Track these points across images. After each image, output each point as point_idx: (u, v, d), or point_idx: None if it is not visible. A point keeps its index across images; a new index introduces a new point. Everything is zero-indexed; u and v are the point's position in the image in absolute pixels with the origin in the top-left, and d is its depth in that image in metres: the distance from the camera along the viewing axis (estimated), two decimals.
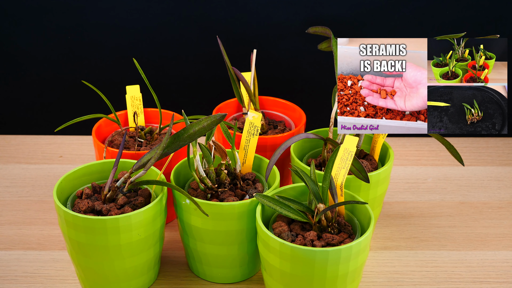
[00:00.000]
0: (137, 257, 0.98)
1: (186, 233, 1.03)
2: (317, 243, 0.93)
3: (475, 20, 1.38)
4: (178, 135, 0.94)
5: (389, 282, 1.06)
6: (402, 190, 1.31)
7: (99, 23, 1.38)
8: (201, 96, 1.47)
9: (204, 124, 0.93)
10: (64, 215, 0.95)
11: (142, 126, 1.22)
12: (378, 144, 1.10)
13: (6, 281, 1.05)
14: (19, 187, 1.28)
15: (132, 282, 1.01)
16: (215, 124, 0.92)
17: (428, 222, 1.21)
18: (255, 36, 1.40)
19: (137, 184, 0.97)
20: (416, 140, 1.48)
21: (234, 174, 1.04)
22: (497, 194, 1.29)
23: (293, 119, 1.27)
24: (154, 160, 0.93)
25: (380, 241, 1.15)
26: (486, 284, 1.06)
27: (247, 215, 0.98)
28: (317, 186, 0.97)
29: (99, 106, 1.30)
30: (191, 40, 1.41)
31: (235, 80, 1.20)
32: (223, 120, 0.96)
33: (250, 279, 1.07)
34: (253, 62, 1.21)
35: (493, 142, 1.48)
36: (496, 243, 1.15)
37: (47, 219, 1.20)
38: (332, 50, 1.14)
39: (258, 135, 1.07)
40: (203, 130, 0.93)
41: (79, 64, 1.43)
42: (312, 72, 1.44)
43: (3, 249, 1.11)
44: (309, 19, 1.38)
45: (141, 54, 1.40)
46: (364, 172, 1.00)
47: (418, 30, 1.39)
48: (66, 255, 1.10)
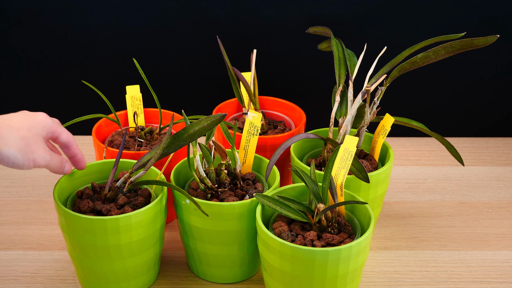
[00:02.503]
0: (137, 257, 0.98)
1: (186, 233, 1.03)
2: (317, 243, 0.92)
3: (475, 20, 1.38)
4: (178, 135, 0.94)
5: (389, 282, 1.06)
6: (402, 190, 1.31)
7: (99, 23, 1.38)
8: (201, 96, 1.47)
9: (204, 124, 0.93)
10: (64, 215, 0.95)
11: (142, 126, 1.22)
12: (378, 144, 1.10)
13: (6, 281, 1.05)
14: (19, 187, 1.28)
15: (132, 282, 1.01)
16: (215, 124, 0.92)
17: (428, 222, 1.21)
18: (255, 36, 1.40)
19: (137, 184, 0.97)
20: (416, 140, 1.48)
21: (234, 174, 1.04)
22: (497, 194, 1.29)
23: (293, 119, 1.27)
24: (154, 160, 0.93)
25: (380, 241, 1.15)
26: (486, 284, 1.06)
27: (247, 215, 0.98)
28: (317, 186, 0.97)
29: (99, 106, 1.30)
30: (191, 40, 1.41)
31: (235, 80, 1.20)
32: (223, 120, 0.96)
33: (250, 279, 1.07)
34: (253, 62, 1.21)
35: (493, 142, 1.48)
36: (496, 243, 1.15)
37: (47, 219, 1.20)
38: (332, 50, 1.14)
39: (258, 135, 1.07)
40: (203, 130, 0.93)
41: (79, 64, 1.42)
42: (312, 72, 1.44)
43: (3, 249, 1.11)
44: (309, 19, 1.38)
45: (141, 54, 1.40)
46: (364, 172, 1.00)
47: (418, 30, 1.39)
48: (66, 255, 1.10)
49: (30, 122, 0.89)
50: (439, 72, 1.43)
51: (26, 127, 0.87)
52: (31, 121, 0.89)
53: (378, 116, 1.11)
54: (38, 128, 0.89)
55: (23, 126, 0.87)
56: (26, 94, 1.46)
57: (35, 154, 0.87)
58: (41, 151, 0.88)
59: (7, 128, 0.85)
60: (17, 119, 0.88)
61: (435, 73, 1.43)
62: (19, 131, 0.86)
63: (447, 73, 1.44)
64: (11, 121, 0.87)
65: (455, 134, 1.50)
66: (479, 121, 1.49)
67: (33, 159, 0.87)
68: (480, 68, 1.43)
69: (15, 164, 0.85)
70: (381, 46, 1.10)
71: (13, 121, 0.87)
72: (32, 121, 0.89)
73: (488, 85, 1.46)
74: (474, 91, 1.46)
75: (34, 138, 0.88)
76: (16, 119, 0.88)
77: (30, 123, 0.89)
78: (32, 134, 0.88)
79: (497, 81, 1.45)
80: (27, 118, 0.89)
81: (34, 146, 0.87)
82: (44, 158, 0.88)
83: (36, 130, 0.89)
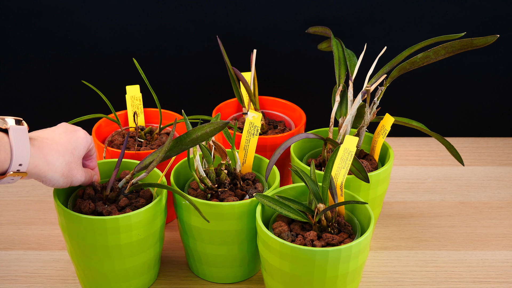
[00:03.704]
0: (137, 257, 0.98)
1: (186, 233, 1.03)
2: (317, 243, 0.92)
3: (475, 20, 1.38)
4: (180, 139, 0.95)
5: (389, 282, 1.06)
6: (402, 190, 1.31)
7: (99, 23, 1.38)
8: (201, 96, 1.47)
9: (207, 130, 0.93)
10: (64, 215, 0.95)
11: (142, 126, 1.22)
12: (378, 144, 1.10)
13: (6, 281, 1.05)
14: (19, 187, 1.28)
15: (132, 282, 1.01)
16: (218, 130, 0.93)
17: (428, 222, 1.21)
18: (255, 36, 1.40)
19: (139, 186, 0.98)
20: (416, 140, 1.48)
21: (234, 174, 1.04)
22: (497, 194, 1.29)
23: (293, 119, 1.27)
24: (156, 163, 0.94)
25: (380, 241, 1.15)
26: (486, 284, 1.06)
27: (247, 215, 0.98)
28: (317, 186, 0.97)
29: (99, 106, 1.30)
30: (191, 40, 1.41)
31: (235, 80, 1.20)
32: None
33: (250, 279, 1.07)
34: (253, 62, 1.21)
35: (493, 142, 1.48)
36: (496, 243, 1.15)
37: (47, 219, 1.20)
38: (332, 50, 1.14)
39: (258, 135, 1.07)
40: (205, 135, 0.94)
41: (79, 64, 1.42)
42: (312, 72, 1.44)
43: (3, 249, 1.11)
44: (309, 19, 1.37)
45: (141, 54, 1.40)
46: (364, 172, 1.00)
47: (418, 30, 1.39)
48: (66, 255, 1.10)
49: (73, 143, 0.92)
50: (439, 72, 1.43)
51: (70, 150, 0.91)
52: (74, 142, 0.92)
53: (378, 116, 1.11)
54: (80, 150, 0.93)
55: (67, 149, 0.90)
56: (26, 94, 1.46)
57: (73, 177, 0.92)
58: (79, 173, 0.93)
59: (55, 154, 0.88)
60: (62, 140, 0.90)
61: (435, 73, 1.43)
62: (65, 155, 0.89)
63: (447, 73, 1.44)
64: (58, 144, 0.89)
65: (455, 134, 1.50)
66: (479, 121, 1.49)
67: (71, 181, 0.92)
68: (480, 68, 1.43)
69: (55, 185, 0.90)
70: (381, 46, 1.10)
71: (60, 144, 0.89)
72: (75, 141, 0.92)
73: (488, 85, 1.46)
74: (474, 91, 1.46)
75: (75, 162, 0.92)
76: (61, 141, 0.90)
77: (73, 144, 0.92)
78: (74, 158, 0.92)
79: (497, 81, 1.45)
80: (70, 138, 0.92)
81: (74, 170, 0.92)
82: (80, 180, 0.94)
83: (78, 153, 0.93)
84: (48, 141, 0.88)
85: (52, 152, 0.87)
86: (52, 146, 0.88)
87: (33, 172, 0.85)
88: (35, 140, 0.86)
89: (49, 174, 0.87)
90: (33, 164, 0.84)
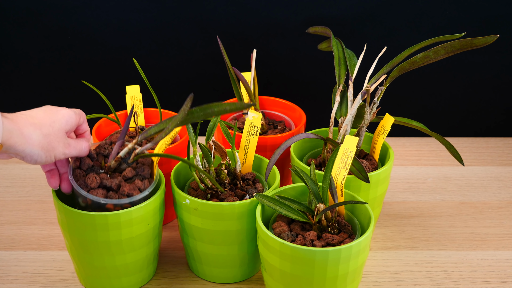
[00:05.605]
0: (138, 252, 0.98)
1: (186, 233, 1.03)
2: (317, 243, 0.92)
3: (475, 20, 1.38)
4: (192, 112, 0.87)
5: (389, 282, 1.06)
6: (402, 190, 1.31)
7: (99, 23, 1.38)
8: (201, 96, 1.46)
9: (226, 108, 0.86)
10: (64, 212, 0.95)
11: (142, 126, 1.22)
12: (378, 144, 1.10)
13: (6, 281, 1.05)
14: (19, 187, 1.28)
15: (132, 277, 1.01)
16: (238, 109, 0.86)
17: (428, 222, 1.21)
18: (255, 36, 1.40)
19: (144, 156, 0.95)
20: (416, 140, 1.48)
21: (234, 174, 1.04)
22: (497, 194, 1.29)
23: (293, 119, 1.27)
24: (164, 135, 0.90)
25: (380, 241, 1.15)
26: (486, 284, 1.06)
27: (247, 215, 0.98)
28: (317, 186, 0.97)
29: (99, 106, 1.30)
30: (191, 40, 1.41)
31: (235, 80, 1.20)
32: (225, 119, 0.94)
33: (250, 279, 1.07)
34: (253, 62, 1.21)
35: (493, 142, 1.48)
36: (496, 243, 1.15)
37: (47, 219, 1.20)
38: (332, 50, 1.14)
39: (258, 135, 1.07)
40: (222, 112, 0.86)
41: (79, 64, 1.42)
42: (312, 72, 1.44)
43: (3, 249, 1.11)
44: (309, 19, 1.38)
45: (141, 54, 1.40)
46: (364, 172, 1.00)
47: (418, 30, 1.39)
48: (66, 255, 1.10)
49: (52, 117, 0.89)
50: (439, 72, 1.43)
51: (48, 123, 0.88)
52: (52, 116, 0.89)
53: (378, 116, 1.11)
54: (62, 123, 0.90)
55: (45, 122, 0.88)
56: (26, 94, 1.46)
57: (55, 150, 0.89)
58: (60, 146, 0.90)
59: (30, 126, 0.85)
60: (39, 115, 0.88)
61: (435, 73, 1.43)
62: (42, 128, 0.87)
63: (447, 73, 1.44)
64: (34, 117, 0.87)
65: (455, 134, 1.50)
66: (479, 121, 1.49)
67: (54, 155, 0.89)
68: (480, 68, 1.43)
69: (37, 162, 0.87)
70: (381, 46, 1.10)
71: (36, 118, 0.87)
72: (54, 115, 0.90)
73: (488, 85, 1.46)
74: (474, 91, 1.46)
75: (55, 134, 0.89)
76: (38, 115, 0.88)
77: (52, 118, 0.89)
78: (54, 130, 0.89)
79: (497, 81, 1.45)
80: (49, 113, 0.89)
81: (55, 143, 0.89)
82: (63, 153, 0.91)
83: (59, 126, 0.90)
84: (23, 115, 0.86)
85: (27, 125, 0.85)
86: (27, 119, 0.86)
87: (8, 144, 0.82)
88: (9, 115, 0.84)
89: (27, 148, 0.85)
90: (7, 136, 0.82)
